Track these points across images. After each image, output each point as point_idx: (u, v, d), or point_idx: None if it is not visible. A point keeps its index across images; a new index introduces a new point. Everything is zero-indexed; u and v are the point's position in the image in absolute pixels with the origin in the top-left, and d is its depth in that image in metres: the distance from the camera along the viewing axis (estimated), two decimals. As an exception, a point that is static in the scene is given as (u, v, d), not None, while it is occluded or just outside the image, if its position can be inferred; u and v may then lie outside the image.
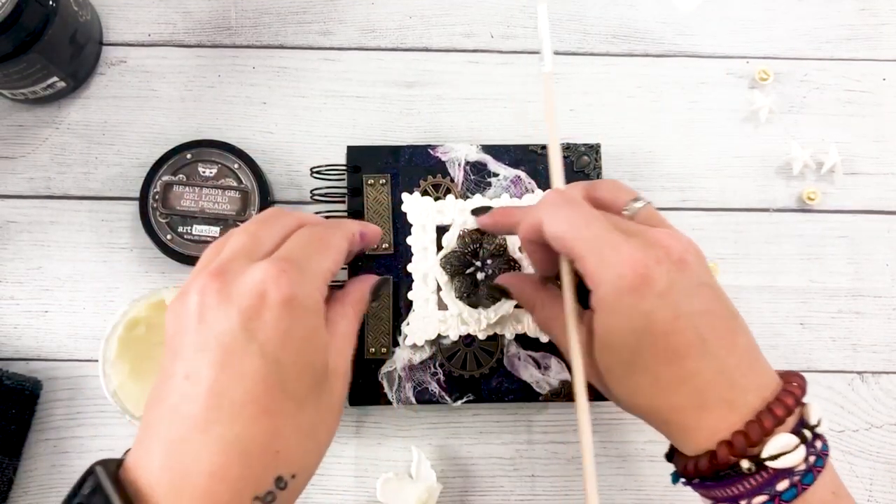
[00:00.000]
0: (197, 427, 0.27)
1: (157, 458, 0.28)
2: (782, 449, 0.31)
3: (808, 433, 0.32)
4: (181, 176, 0.49)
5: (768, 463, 0.31)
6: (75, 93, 0.52)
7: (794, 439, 0.31)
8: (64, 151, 0.52)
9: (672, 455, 0.37)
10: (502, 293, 0.44)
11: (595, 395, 0.46)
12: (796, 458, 0.31)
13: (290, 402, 0.29)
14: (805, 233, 0.52)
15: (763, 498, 0.31)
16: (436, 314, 0.46)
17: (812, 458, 0.31)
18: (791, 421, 0.32)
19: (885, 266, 0.52)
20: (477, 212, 0.42)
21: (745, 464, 0.31)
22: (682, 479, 0.35)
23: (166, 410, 0.28)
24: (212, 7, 0.54)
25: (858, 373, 0.51)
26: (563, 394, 0.46)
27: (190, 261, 0.49)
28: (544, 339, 0.46)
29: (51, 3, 0.45)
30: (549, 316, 0.38)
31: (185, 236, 0.49)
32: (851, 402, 0.51)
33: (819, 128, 0.53)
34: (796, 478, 0.31)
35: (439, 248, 0.46)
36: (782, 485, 0.31)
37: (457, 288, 0.46)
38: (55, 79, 0.49)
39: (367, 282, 0.38)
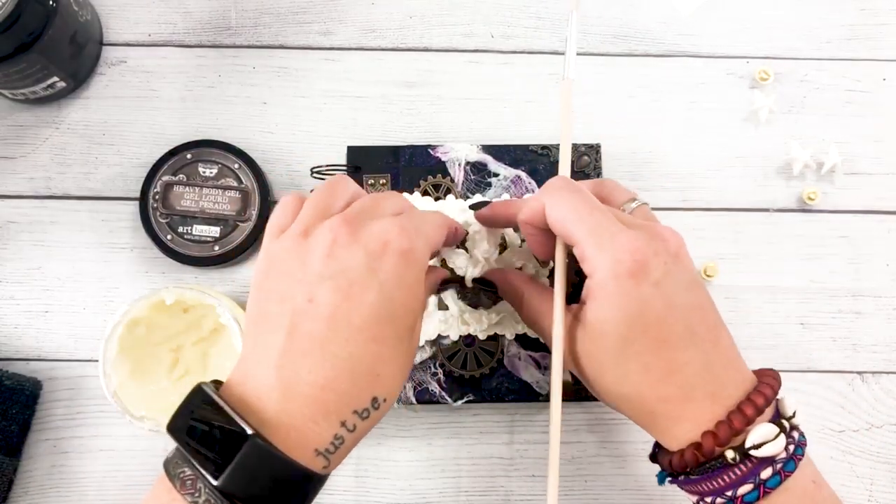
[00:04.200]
0: (316, 344, 0.31)
1: (269, 370, 0.31)
2: (764, 438, 0.32)
3: (786, 423, 0.33)
4: (181, 176, 0.49)
5: (752, 452, 0.32)
6: (75, 93, 0.52)
7: (775, 428, 0.32)
8: (64, 151, 0.52)
9: (655, 456, 0.37)
10: (489, 287, 0.44)
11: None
12: (777, 447, 0.32)
13: (394, 336, 0.32)
14: (805, 233, 0.52)
15: (748, 487, 0.32)
16: (436, 314, 0.46)
17: (791, 448, 0.32)
18: (768, 413, 0.33)
19: (885, 266, 0.52)
20: (476, 206, 0.43)
21: (729, 454, 0.32)
22: (669, 478, 0.36)
23: (281, 329, 0.31)
24: (212, 7, 0.54)
25: (858, 373, 0.51)
26: (564, 394, 0.46)
27: (190, 261, 0.49)
28: (544, 339, 0.46)
29: (51, 3, 0.45)
30: (536, 309, 0.38)
31: (186, 236, 0.49)
32: (851, 402, 0.51)
33: (819, 128, 0.53)
34: (778, 466, 0.32)
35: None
36: (766, 472, 0.32)
37: (457, 289, 0.46)
38: (55, 79, 0.49)
39: (442, 273, 0.42)
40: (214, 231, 0.49)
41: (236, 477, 0.28)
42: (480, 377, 0.46)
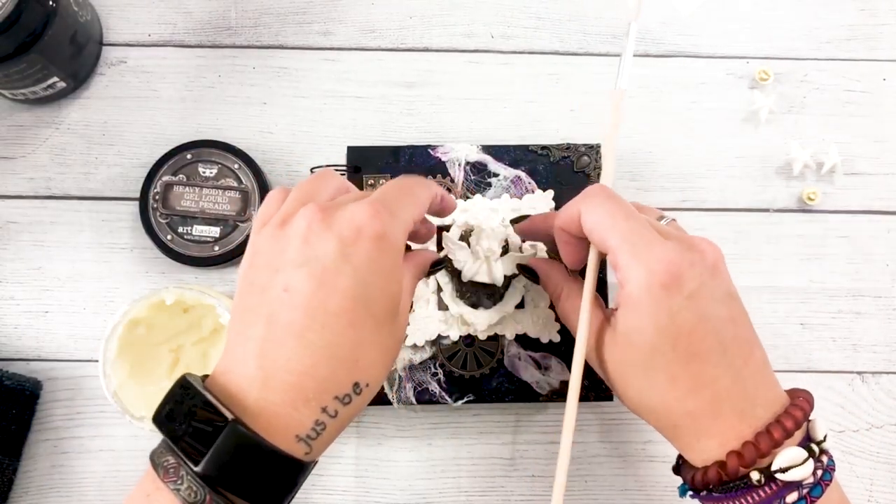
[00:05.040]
0: (293, 332, 0.31)
1: (250, 361, 0.31)
2: (792, 462, 0.31)
3: (815, 447, 0.32)
4: (181, 176, 0.49)
5: (778, 475, 0.31)
6: (75, 93, 0.52)
7: (804, 453, 0.31)
8: (64, 151, 0.52)
9: (679, 468, 0.37)
10: (529, 274, 0.43)
11: (598, 395, 0.47)
12: (805, 472, 0.31)
13: (372, 321, 0.32)
14: (805, 233, 0.52)
15: None
16: (436, 314, 0.46)
17: (819, 472, 0.32)
18: (798, 436, 0.32)
19: (885, 266, 0.52)
20: (515, 220, 0.43)
21: (755, 475, 0.31)
22: (690, 492, 0.35)
23: (261, 320, 0.32)
24: (212, 7, 0.54)
25: (858, 373, 0.51)
26: (564, 394, 0.46)
27: (190, 261, 0.49)
28: (544, 339, 0.46)
29: (51, 3, 0.45)
30: (575, 306, 0.38)
31: (186, 236, 0.49)
32: (851, 402, 0.51)
33: (819, 128, 0.53)
34: (805, 490, 0.31)
35: (440, 248, 0.46)
36: (791, 497, 0.31)
37: (457, 289, 0.46)
38: (55, 79, 0.49)
39: (430, 255, 0.42)
40: (214, 231, 0.49)
41: (217, 462, 0.29)
42: (480, 377, 0.46)
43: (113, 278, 0.50)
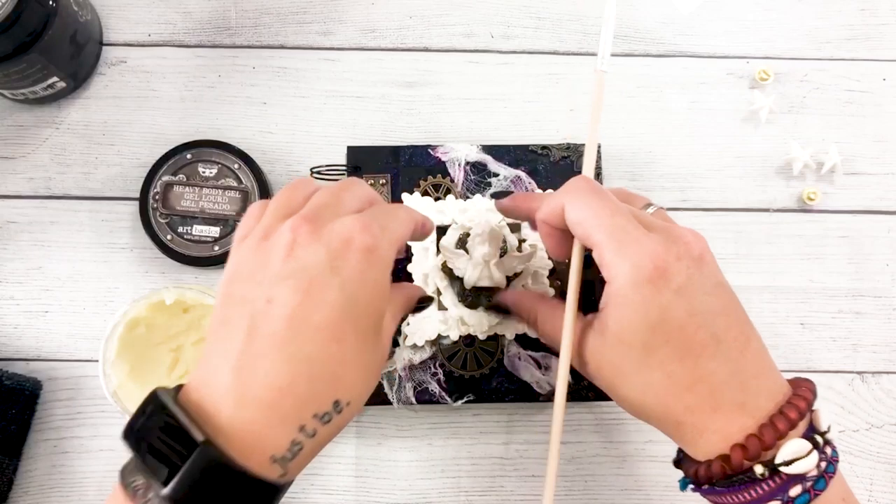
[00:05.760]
0: (275, 345, 0.30)
1: (225, 374, 0.30)
2: (796, 454, 0.31)
3: (819, 439, 0.32)
4: (181, 176, 0.49)
5: (782, 468, 0.31)
6: (75, 93, 0.52)
7: (807, 444, 0.31)
8: (64, 151, 0.52)
9: (680, 462, 0.36)
10: (502, 311, 0.43)
11: (597, 394, 0.47)
12: (809, 464, 0.31)
13: (356, 336, 0.32)
14: (805, 233, 0.52)
15: (775, 503, 0.31)
16: (436, 315, 0.46)
17: (823, 465, 0.31)
18: (801, 426, 0.32)
19: (885, 266, 0.52)
20: (497, 195, 0.42)
21: (758, 469, 0.31)
22: (692, 486, 0.35)
23: (240, 332, 0.30)
24: (212, 7, 0.54)
25: (858, 373, 0.51)
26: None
27: (190, 261, 0.49)
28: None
29: (51, 3, 0.45)
30: (551, 325, 0.37)
31: (186, 236, 0.49)
32: (851, 402, 0.51)
33: (819, 128, 0.53)
34: (808, 483, 0.31)
35: (439, 249, 0.46)
36: (795, 490, 0.31)
37: (458, 292, 0.46)
38: (55, 79, 0.49)
39: (417, 290, 0.42)
40: (214, 231, 0.49)
41: (185, 485, 0.28)
42: (480, 377, 0.46)
43: (113, 278, 0.50)
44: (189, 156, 0.49)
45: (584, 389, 0.46)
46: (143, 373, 0.46)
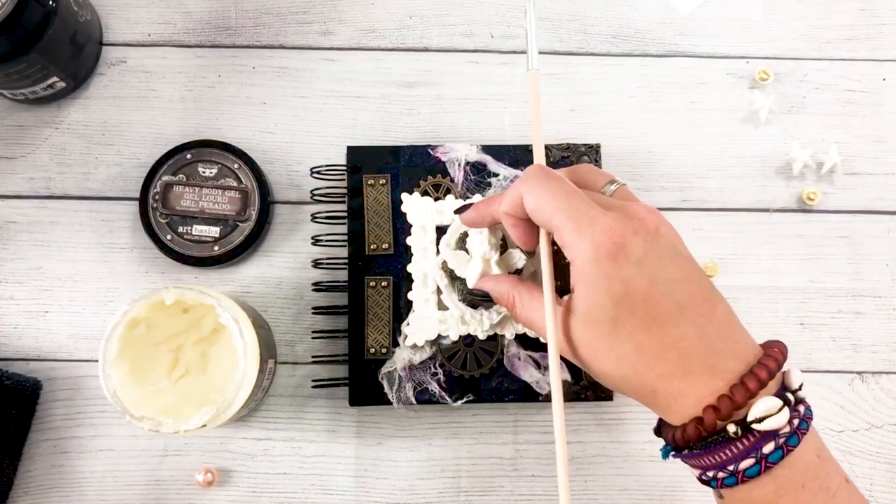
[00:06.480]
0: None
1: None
2: (767, 411, 0.32)
3: (790, 396, 0.32)
4: (181, 176, 0.49)
5: (754, 426, 0.32)
6: (75, 93, 0.52)
7: (778, 402, 0.32)
8: (64, 151, 0.52)
9: (660, 430, 0.37)
10: (483, 297, 0.44)
11: (597, 395, 0.47)
12: (781, 421, 0.32)
13: None
14: (805, 233, 0.52)
15: (750, 461, 0.32)
16: (436, 314, 0.46)
17: (796, 422, 0.32)
18: (773, 385, 0.33)
19: (885, 266, 0.52)
20: (459, 210, 0.42)
21: (731, 428, 0.32)
22: (672, 452, 0.35)
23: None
24: (212, 7, 0.54)
25: (858, 373, 0.51)
26: (564, 394, 0.46)
27: (190, 261, 0.49)
28: (544, 339, 0.46)
29: (51, 3, 0.45)
30: (529, 308, 0.38)
31: (185, 236, 0.49)
32: (851, 402, 0.51)
33: (819, 128, 0.53)
34: (781, 440, 0.32)
35: (439, 249, 0.46)
36: (768, 447, 0.32)
37: (458, 290, 0.46)
38: (55, 79, 0.49)
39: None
40: (214, 231, 0.49)
41: None
42: (480, 377, 0.46)
43: (113, 278, 0.50)
44: (189, 156, 0.49)
45: (583, 390, 0.46)
46: (143, 373, 0.46)
